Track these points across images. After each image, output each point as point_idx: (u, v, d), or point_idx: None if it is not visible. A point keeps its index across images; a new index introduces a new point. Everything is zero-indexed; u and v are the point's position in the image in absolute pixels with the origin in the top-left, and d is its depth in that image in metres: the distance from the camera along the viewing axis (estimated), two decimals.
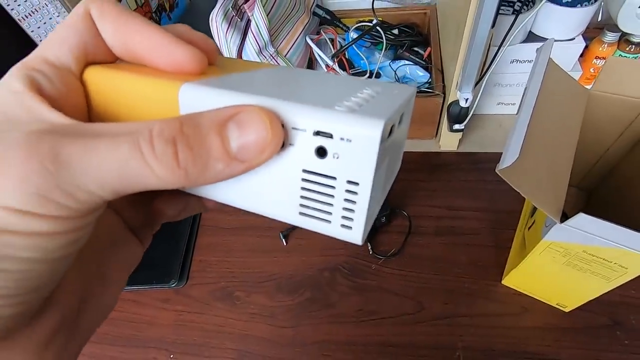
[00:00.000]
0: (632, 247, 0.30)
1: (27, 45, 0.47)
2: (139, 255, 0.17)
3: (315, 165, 0.12)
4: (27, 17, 0.45)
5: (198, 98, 0.13)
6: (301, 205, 0.13)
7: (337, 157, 0.12)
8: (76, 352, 0.13)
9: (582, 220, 0.31)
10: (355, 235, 0.13)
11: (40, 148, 0.10)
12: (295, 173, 0.12)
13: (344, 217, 0.13)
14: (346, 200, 0.12)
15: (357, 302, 0.48)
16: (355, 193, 0.12)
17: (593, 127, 0.44)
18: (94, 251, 0.14)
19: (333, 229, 0.13)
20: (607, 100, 0.41)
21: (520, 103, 0.35)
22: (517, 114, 0.34)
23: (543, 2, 0.43)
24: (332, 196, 0.12)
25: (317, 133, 0.12)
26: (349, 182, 0.12)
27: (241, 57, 0.57)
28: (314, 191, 0.13)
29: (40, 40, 0.48)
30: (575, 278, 0.37)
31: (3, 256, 0.10)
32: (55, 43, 0.13)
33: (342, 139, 0.11)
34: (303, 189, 0.13)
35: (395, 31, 0.69)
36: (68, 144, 0.10)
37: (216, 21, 0.54)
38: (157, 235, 0.18)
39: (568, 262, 0.36)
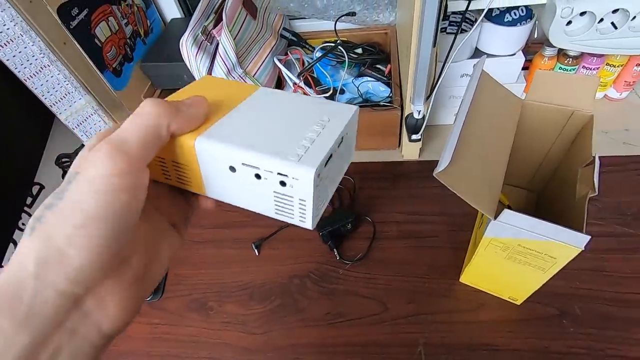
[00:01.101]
0: (552, 238, 0.33)
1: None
2: (179, 243, 0.23)
3: (280, 190, 0.21)
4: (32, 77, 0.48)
5: (206, 150, 0.21)
6: (275, 208, 0.22)
7: (292, 187, 0.20)
8: (143, 297, 0.20)
9: (508, 215, 0.34)
10: (308, 224, 0.22)
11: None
12: (270, 193, 0.21)
13: (300, 215, 0.21)
14: (300, 207, 0.21)
15: (326, 306, 0.51)
16: (304, 204, 0.21)
17: (532, 132, 0.48)
18: (150, 237, 0.21)
19: (295, 221, 0.22)
20: (540, 109, 0.46)
21: (457, 113, 0.39)
22: (453, 123, 0.38)
23: (477, 23, 0.48)
24: (292, 205, 0.21)
25: (279, 174, 0.20)
26: (300, 199, 0.20)
27: None
28: (281, 202, 0.21)
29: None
30: (517, 271, 0.41)
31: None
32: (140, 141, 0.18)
33: (293, 178, 0.20)
34: (275, 200, 0.21)
35: (359, 50, 0.74)
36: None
37: (186, 46, 0.58)
38: None
39: (508, 256, 0.40)
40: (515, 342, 0.45)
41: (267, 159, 0.20)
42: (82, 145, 0.66)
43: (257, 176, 0.20)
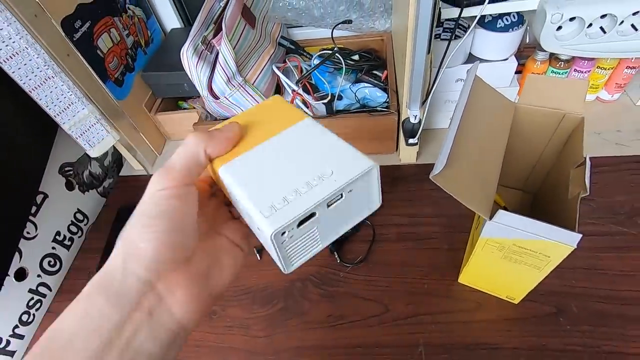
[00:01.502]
0: (546, 237, 0.35)
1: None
2: (242, 257, 0.27)
3: (258, 232, 0.23)
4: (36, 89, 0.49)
5: (224, 179, 0.24)
6: (263, 243, 0.24)
7: (261, 236, 0.23)
8: (208, 297, 0.23)
9: (502, 216, 0.35)
10: (281, 268, 0.24)
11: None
12: (256, 230, 0.23)
13: (276, 257, 0.23)
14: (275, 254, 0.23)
15: (327, 308, 0.52)
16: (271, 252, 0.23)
17: (525, 135, 0.49)
18: (211, 247, 0.25)
19: (276, 261, 0.24)
20: (532, 112, 0.47)
21: (452, 118, 0.40)
22: (448, 127, 0.39)
23: (470, 30, 0.49)
24: (269, 247, 0.22)
25: (257, 229, 0.22)
26: (268, 247, 0.22)
27: (211, 87, 0.62)
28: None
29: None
30: (514, 270, 0.42)
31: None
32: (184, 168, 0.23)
33: (257, 228, 0.22)
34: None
35: (356, 57, 0.75)
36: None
37: (186, 56, 0.59)
38: None
39: (504, 256, 0.41)
40: (513, 341, 0.46)
41: (250, 203, 0.22)
42: (85, 154, 0.67)
43: (247, 214, 0.23)
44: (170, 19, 0.81)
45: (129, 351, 0.18)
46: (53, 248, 0.61)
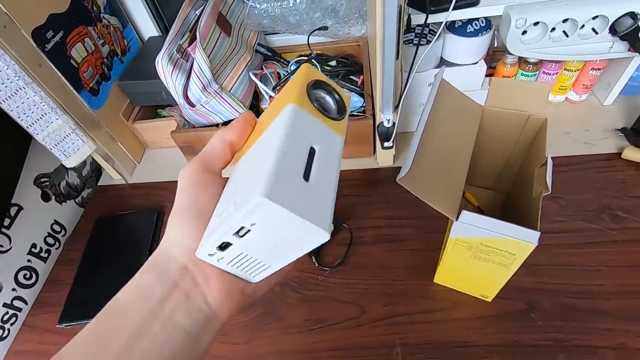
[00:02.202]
0: (508, 235, 0.36)
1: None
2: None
3: None
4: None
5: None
6: None
7: None
8: (239, 294, 0.24)
9: (466, 216, 0.36)
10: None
11: None
12: None
13: None
14: None
15: (306, 312, 0.52)
16: None
17: (494, 136, 0.51)
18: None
19: None
20: (499, 114, 0.48)
21: (418, 121, 0.41)
22: (415, 130, 0.40)
23: (437, 35, 0.51)
24: None
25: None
26: None
27: (187, 95, 0.62)
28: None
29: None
30: (483, 268, 0.43)
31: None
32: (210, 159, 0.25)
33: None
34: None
35: (333, 62, 0.76)
36: None
37: (161, 64, 0.60)
38: (118, 267, 0.25)
39: (474, 255, 0.42)
40: (487, 338, 0.47)
41: (207, 239, 0.21)
42: (62, 165, 0.67)
43: None
44: (148, 28, 0.81)
45: (170, 323, 0.21)
46: (29, 261, 0.60)
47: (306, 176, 0.19)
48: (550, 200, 0.57)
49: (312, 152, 0.20)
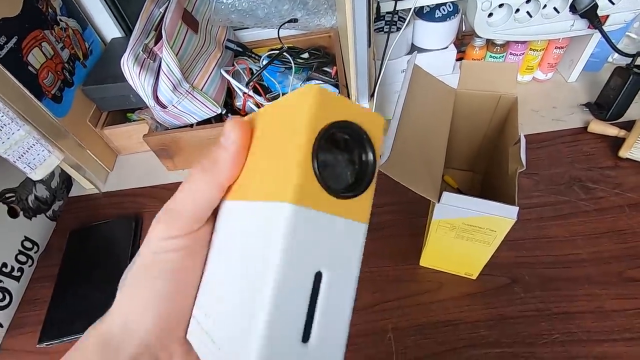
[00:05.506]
0: (488, 212, 0.37)
1: None
2: None
3: None
4: None
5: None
6: None
7: None
8: None
9: (448, 197, 0.37)
10: None
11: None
12: None
13: None
14: None
15: None
16: None
17: (468, 118, 0.52)
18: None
19: None
20: (471, 95, 0.49)
21: (394, 109, 0.41)
22: (392, 117, 0.41)
23: (407, 22, 0.51)
24: None
25: None
26: None
27: (157, 96, 0.60)
28: None
29: None
30: (466, 247, 0.44)
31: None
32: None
33: None
34: None
35: (306, 55, 0.75)
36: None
37: (127, 65, 0.57)
38: (97, 281, 0.22)
39: (457, 235, 0.43)
40: (474, 315, 0.48)
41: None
42: (27, 178, 0.63)
43: None
44: (110, 29, 0.77)
45: None
46: (0, 281, 0.57)
47: (306, 334, 0.14)
48: (525, 177, 0.59)
49: (317, 280, 0.14)
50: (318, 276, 0.14)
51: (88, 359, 0.18)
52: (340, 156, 0.16)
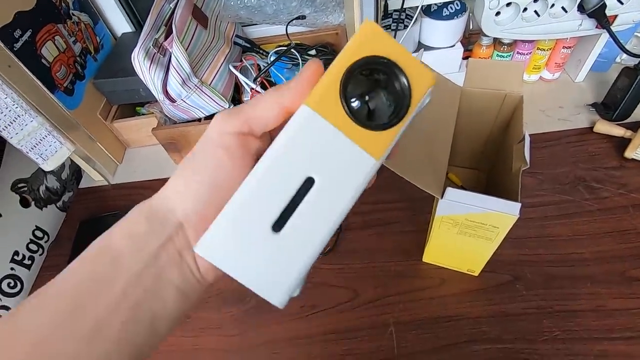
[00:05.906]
0: (491, 209, 0.37)
1: None
2: None
3: None
4: None
5: None
6: None
7: None
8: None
9: (451, 193, 0.37)
10: None
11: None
12: None
13: None
14: None
15: (300, 299, 0.53)
16: None
17: (473, 116, 0.52)
18: None
19: None
20: (477, 94, 0.50)
21: None
22: None
23: (414, 20, 0.51)
24: None
25: None
26: None
27: (166, 90, 0.61)
28: None
29: None
30: (469, 243, 0.44)
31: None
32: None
33: None
34: None
35: (313, 51, 0.76)
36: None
37: (138, 60, 0.58)
38: None
39: (460, 231, 0.43)
40: (476, 311, 0.48)
41: None
42: (39, 168, 0.65)
43: None
44: (120, 23, 0.78)
45: (163, 278, 0.20)
46: (12, 269, 0.59)
47: (278, 225, 0.15)
48: (530, 176, 0.59)
49: (307, 185, 0.16)
50: (310, 181, 0.16)
51: (134, 228, 0.20)
52: (376, 92, 0.17)
